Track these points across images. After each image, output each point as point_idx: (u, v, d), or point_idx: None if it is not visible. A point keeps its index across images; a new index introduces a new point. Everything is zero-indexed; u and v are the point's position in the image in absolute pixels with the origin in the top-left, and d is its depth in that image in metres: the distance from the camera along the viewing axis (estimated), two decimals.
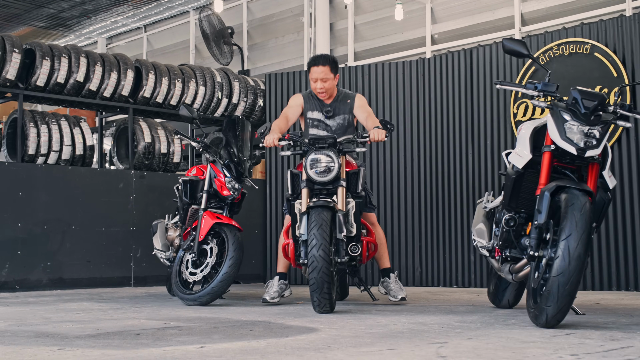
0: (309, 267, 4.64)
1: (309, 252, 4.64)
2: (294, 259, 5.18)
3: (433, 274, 8.04)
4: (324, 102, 5.77)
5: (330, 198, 5.05)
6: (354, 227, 5.05)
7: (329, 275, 4.61)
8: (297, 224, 5.07)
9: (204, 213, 5.67)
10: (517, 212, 4.06)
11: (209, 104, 8.96)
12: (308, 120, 5.79)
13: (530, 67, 7.59)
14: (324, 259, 4.59)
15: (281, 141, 5.30)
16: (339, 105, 5.75)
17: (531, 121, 4.16)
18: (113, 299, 6.15)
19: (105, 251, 7.79)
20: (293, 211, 5.13)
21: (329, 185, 5.11)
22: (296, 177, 5.26)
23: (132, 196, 8.05)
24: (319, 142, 5.17)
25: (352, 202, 5.11)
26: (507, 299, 4.93)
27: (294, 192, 5.24)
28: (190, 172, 6.15)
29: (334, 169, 5.06)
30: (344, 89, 5.91)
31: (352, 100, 5.77)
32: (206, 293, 5.37)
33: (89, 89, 8.05)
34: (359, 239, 5.09)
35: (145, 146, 8.44)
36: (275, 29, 12.09)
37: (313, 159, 5.09)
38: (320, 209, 4.82)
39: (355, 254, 5.02)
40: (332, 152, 5.09)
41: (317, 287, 4.59)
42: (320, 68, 5.59)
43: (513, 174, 4.03)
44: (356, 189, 5.21)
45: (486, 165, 7.78)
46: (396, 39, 10.62)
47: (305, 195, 5.07)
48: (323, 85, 5.62)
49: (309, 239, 4.69)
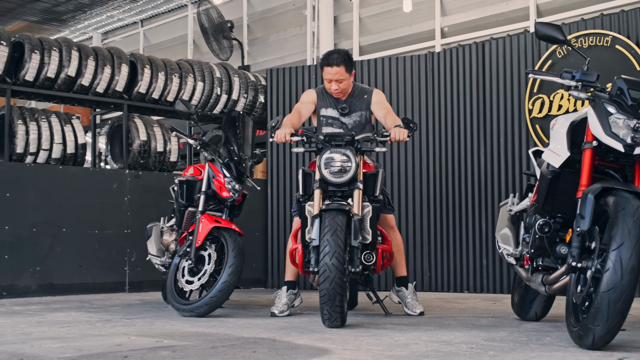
0: (320, 277, 4.21)
1: (321, 259, 4.21)
2: (302, 265, 4.74)
3: (443, 278, 7.66)
4: (338, 98, 5.35)
5: (345, 201, 4.63)
6: (370, 233, 4.62)
7: (342, 286, 4.18)
8: (307, 227, 4.64)
9: (201, 216, 5.24)
10: (552, 217, 3.63)
11: (207, 101, 8.59)
12: (321, 118, 5.36)
13: (547, 60, 7.20)
14: (338, 268, 4.16)
15: (293, 136, 4.85)
16: (354, 102, 5.33)
17: (566, 115, 3.73)
18: (104, 308, 5.73)
19: (98, 255, 7.42)
20: (303, 213, 4.69)
21: (345, 187, 4.67)
22: (308, 176, 4.82)
23: (126, 197, 7.67)
24: (335, 139, 4.73)
25: (369, 206, 4.67)
26: (535, 311, 4.49)
27: (305, 193, 4.80)
28: (187, 172, 5.73)
29: (351, 170, 4.62)
30: (359, 84, 5.49)
31: (370, 95, 5.35)
32: (204, 304, 4.94)
33: (81, 84, 7.67)
34: (374, 246, 4.66)
35: (141, 144, 8.07)
36: (276, 23, 11.77)
37: (328, 158, 4.65)
38: (335, 212, 4.38)
39: (369, 263, 4.59)
40: (349, 151, 4.65)
41: (329, 299, 4.16)
42: (334, 69, 5.14)
43: (548, 174, 3.59)
44: (374, 192, 4.77)
45: (499, 165, 7.41)
46: (404, 32, 10.26)
47: (317, 197, 4.64)
48: (338, 86, 5.19)
49: (322, 245, 4.25)
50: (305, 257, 4.70)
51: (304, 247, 4.70)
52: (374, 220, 4.68)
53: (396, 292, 5.28)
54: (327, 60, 5.19)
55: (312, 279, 4.88)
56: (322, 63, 5.23)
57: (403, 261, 5.28)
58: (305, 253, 4.69)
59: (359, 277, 4.81)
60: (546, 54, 7.19)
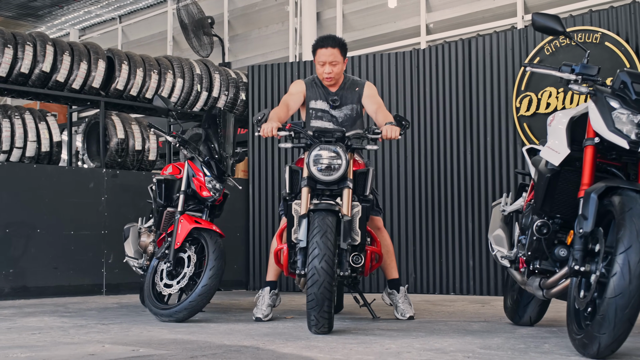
0: (308, 280, 4.00)
1: (310, 262, 4.00)
2: (287, 266, 4.54)
3: (428, 280, 7.49)
4: (329, 89, 5.15)
5: (333, 200, 4.43)
6: (359, 234, 4.43)
7: (331, 291, 3.98)
8: (293, 227, 4.43)
9: (180, 217, 5.02)
10: (550, 217, 3.46)
11: (187, 98, 8.37)
12: (310, 110, 5.15)
13: (535, 57, 7.05)
14: (327, 272, 3.96)
15: (281, 131, 4.63)
16: (346, 94, 5.14)
17: (564, 110, 3.56)
18: (79, 312, 5.50)
19: (74, 257, 7.16)
20: (290, 212, 4.49)
21: (334, 186, 4.47)
22: (295, 173, 4.61)
23: (103, 197, 7.43)
24: (325, 135, 4.52)
25: (359, 206, 4.48)
26: (529, 316, 4.31)
27: (291, 191, 4.59)
28: (166, 171, 5.51)
29: (341, 168, 4.42)
30: (351, 75, 5.29)
31: (361, 88, 5.17)
32: (183, 308, 4.72)
33: (56, 80, 7.42)
34: (362, 248, 4.46)
35: (118, 142, 7.84)
36: (258, 19, 11.58)
37: (317, 155, 4.44)
38: (325, 213, 4.17)
39: (358, 265, 4.39)
40: (339, 148, 4.44)
41: (317, 305, 3.96)
42: (329, 50, 4.97)
43: (547, 173, 3.41)
44: (364, 191, 4.57)
45: (485, 164, 7.25)
46: (388, 29, 10.12)
47: (305, 196, 4.43)
48: (332, 69, 5.00)
49: (310, 247, 4.04)
50: (290, 258, 4.49)
51: (289, 247, 4.50)
52: (363, 220, 4.49)
53: (388, 295, 5.10)
54: (321, 42, 5.02)
55: (298, 282, 4.68)
56: (315, 46, 5.06)
57: (394, 263, 5.10)
58: (291, 254, 4.49)
59: (346, 280, 4.62)
60: (534, 51, 7.06)
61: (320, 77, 5.09)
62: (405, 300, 5.00)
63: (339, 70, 5.04)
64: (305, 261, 4.14)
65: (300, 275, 4.30)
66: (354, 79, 5.24)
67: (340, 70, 5.06)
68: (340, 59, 5.01)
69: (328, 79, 5.05)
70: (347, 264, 4.26)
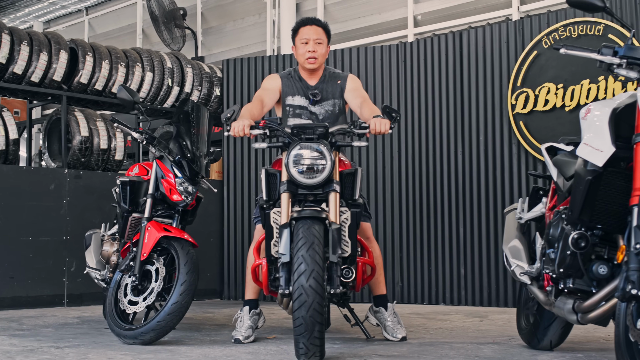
0: (294, 302, 3.43)
1: (295, 280, 3.44)
2: (266, 285, 3.97)
3: (416, 289, 7.04)
4: (307, 83, 4.63)
5: (319, 206, 3.88)
6: (349, 244, 3.87)
7: (321, 313, 3.41)
8: (273, 239, 3.87)
9: (147, 223, 4.44)
10: (588, 228, 2.94)
11: (157, 93, 7.85)
12: (287, 107, 4.62)
13: (532, 50, 6.63)
14: (316, 291, 3.40)
15: (254, 129, 4.07)
16: (326, 87, 4.64)
17: (603, 101, 3.03)
18: (34, 329, 4.91)
19: (32, 265, 6.65)
20: (268, 222, 3.90)
21: (318, 190, 3.92)
22: (273, 177, 4.04)
23: (65, 199, 6.91)
24: (305, 132, 3.96)
25: (347, 212, 3.93)
26: (550, 339, 3.76)
27: (269, 198, 4.03)
28: (132, 171, 4.93)
29: (326, 169, 3.86)
30: (330, 67, 4.80)
31: (344, 81, 4.67)
32: (150, 329, 4.13)
33: (12, 72, 6.89)
34: (353, 260, 3.90)
35: (82, 141, 7.32)
36: (233, 11, 11.13)
37: (297, 155, 3.88)
38: (310, 221, 3.62)
39: (348, 280, 3.84)
40: (322, 146, 3.89)
41: (306, 330, 3.39)
42: (313, 27, 4.56)
43: (587, 175, 2.87)
44: (352, 194, 4.04)
45: (479, 165, 6.85)
46: (373, 21, 9.71)
47: (285, 202, 3.86)
48: (316, 49, 4.53)
49: (295, 262, 3.48)
50: (270, 274, 3.93)
51: (269, 262, 3.93)
52: (353, 228, 3.94)
53: (374, 314, 4.55)
54: (304, 20, 4.60)
55: (280, 302, 4.10)
56: (297, 25, 4.62)
57: (382, 277, 4.54)
58: (271, 269, 3.93)
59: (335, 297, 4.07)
60: (531, 44, 6.67)
61: (302, 58, 4.58)
62: (394, 318, 4.47)
63: (323, 52, 4.60)
64: (289, 278, 3.59)
65: (283, 296, 3.74)
66: (335, 71, 4.77)
67: (324, 53, 4.62)
68: (325, 40, 4.62)
69: (311, 59, 4.55)
70: (339, 279, 3.71)
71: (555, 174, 3.51)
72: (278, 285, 3.73)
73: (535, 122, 6.56)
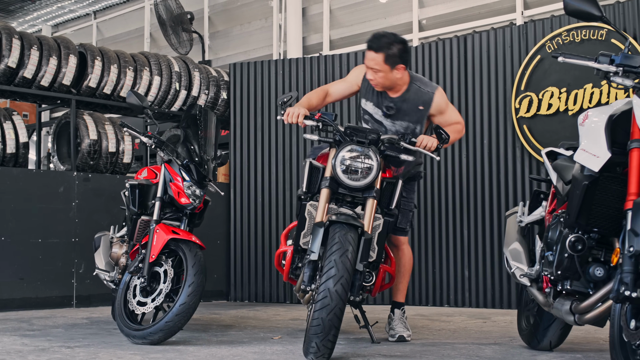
0: (316, 302, 3.51)
1: (323, 282, 3.51)
2: (288, 271, 4.06)
3: (421, 291, 7.09)
4: (387, 94, 4.47)
5: (354, 209, 3.96)
6: (375, 251, 3.95)
7: (340, 318, 3.51)
8: (304, 230, 3.95)
9: (156, 226, 4.52)
10: (585, 232, 3.01)
11: (165, 96, 7.91)
12: (360, 109, 4.58)
13: (536, 55, 6.68)
14: (341, 296, 3.48)
15: (307, 119, 4.10)
16: (404, 107, 4.46)
17: (600, 108, 3.11)
18: (45, 329, 5.00)
19: (42, 267, 6.69)
20: (302, 213, 3.99)
21: (358, 193, 3.98)
22: (316, 171, 4.10)
23: (74, 202, 6.96)
24: (357, 134, 4.01)
25: (381, 219, 4.00)
26: (550, 340, 3.84)
27: (308, 190, 4.09)
28: (140, 175, 5.00)
29: (371, 174, 3.93)
30: (418, 82, 4.53)
31: (427, 106, 4.46)
32: (159, 329, 4.22)
33: (23, 76, 6.94)
34: (376, 265, 4.00)
35: (91, 144, 7.35)
36: (240, 15, 11.21)
37: (346, 155, 3.94)
38: (347, 227, 3.69)
39: (368, 284, 3.93)
40: (372, 152, 3.94)
41: (322, 332, 3.47)
42: (371, 54, 4.28)
43: (584, 180, 2.95)
44: (389, 204, 4.10)
45: (482, 169, 6.90)
46: (378, 25, 9.69)
47: (324, 198, 3.93)
48: (374, 77, 4.33)
49: (326, 265, 3.55)
50: (293, 262, 4.03)
51: (295, 251, 4.02)
52: (382, 236, 4.03)
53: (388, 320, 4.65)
54: (370, 41, 4.35)
55: (297, 290, 4.15)
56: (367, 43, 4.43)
57: (403, 285, 4.65)
58: (295, 258, 4.02)
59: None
60: (534, 49, 6.72)
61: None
62: (400, 321, 4.55)
63: (381, 80, 4.34)
64: (314, 276, 3.68)
65: (305, 292, 3.82)
66: (421, 89, 4.48)
67: (384, 80, 4.33)
68: (385, 67, 4.26)
69: (373, 84, 4.43)
70: (360, 286, 3.79)
71: (554, 178, 3.58)
72: (298, 274, 3.81)
73: (539, 126, 6.61)
